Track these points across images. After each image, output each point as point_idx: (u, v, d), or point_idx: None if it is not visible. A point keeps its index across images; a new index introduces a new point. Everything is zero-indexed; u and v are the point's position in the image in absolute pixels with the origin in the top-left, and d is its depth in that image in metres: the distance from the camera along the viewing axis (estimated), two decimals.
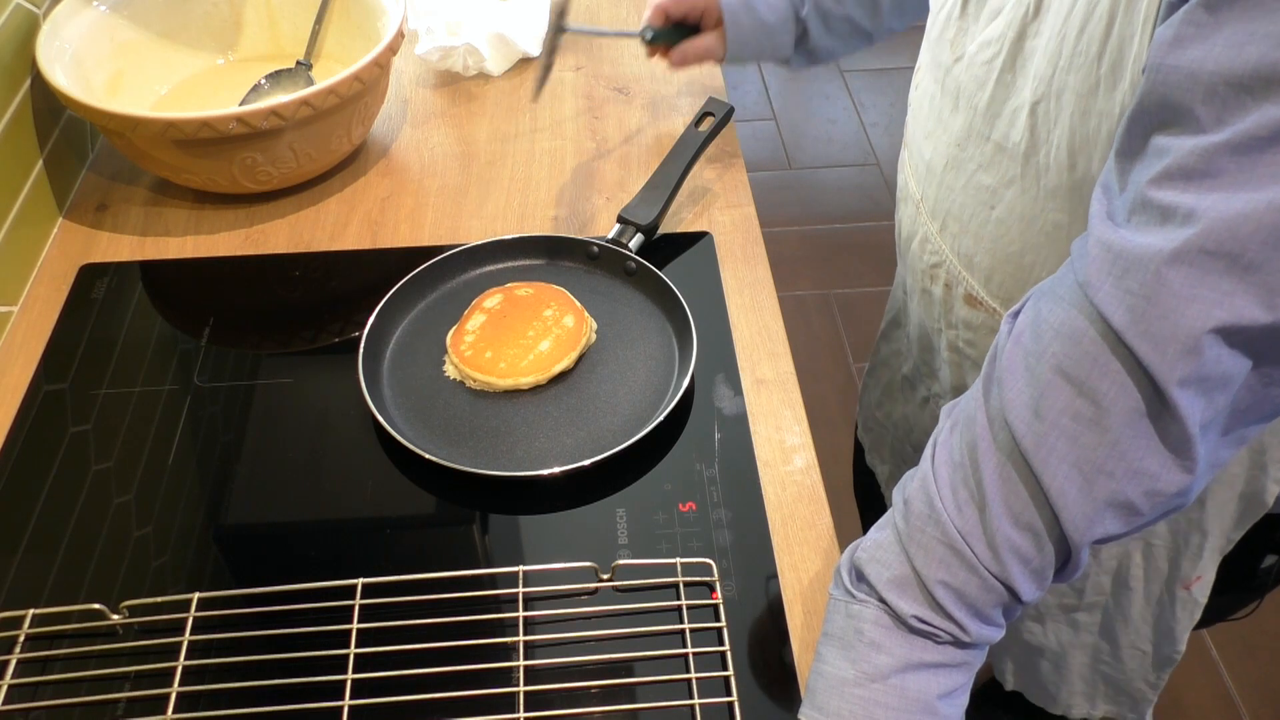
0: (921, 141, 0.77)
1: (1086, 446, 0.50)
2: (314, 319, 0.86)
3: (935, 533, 0.53)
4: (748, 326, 0.84)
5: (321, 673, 0.61)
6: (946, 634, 0.53)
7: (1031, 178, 0.65)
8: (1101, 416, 0.49)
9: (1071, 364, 0.50)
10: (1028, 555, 0.52)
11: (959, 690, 0.55)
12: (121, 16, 0.98)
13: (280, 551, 0.70)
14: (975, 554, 0.52)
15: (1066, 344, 0.50)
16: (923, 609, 0.53)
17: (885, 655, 0.54)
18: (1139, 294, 0.47)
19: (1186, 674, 1.55)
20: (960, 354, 0.79)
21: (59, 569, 0.68)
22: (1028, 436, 0.51)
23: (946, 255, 0.76)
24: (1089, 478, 0.50)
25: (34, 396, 0.79)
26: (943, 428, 0.56)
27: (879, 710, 0.53)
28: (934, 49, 0.74)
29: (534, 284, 0.84)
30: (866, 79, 2.69)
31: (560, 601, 0.66)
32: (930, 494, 0.54)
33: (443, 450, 0.73)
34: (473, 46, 1.07)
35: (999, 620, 0.55)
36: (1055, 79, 0.60)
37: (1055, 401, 0.50)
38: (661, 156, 0.93)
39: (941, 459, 0.55)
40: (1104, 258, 0.49)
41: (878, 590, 0.55)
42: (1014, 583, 0.52)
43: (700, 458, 0.74)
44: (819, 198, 2.39)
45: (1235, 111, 0.44)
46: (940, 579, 0.53)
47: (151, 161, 0.91)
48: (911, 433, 0.95)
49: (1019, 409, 0.51)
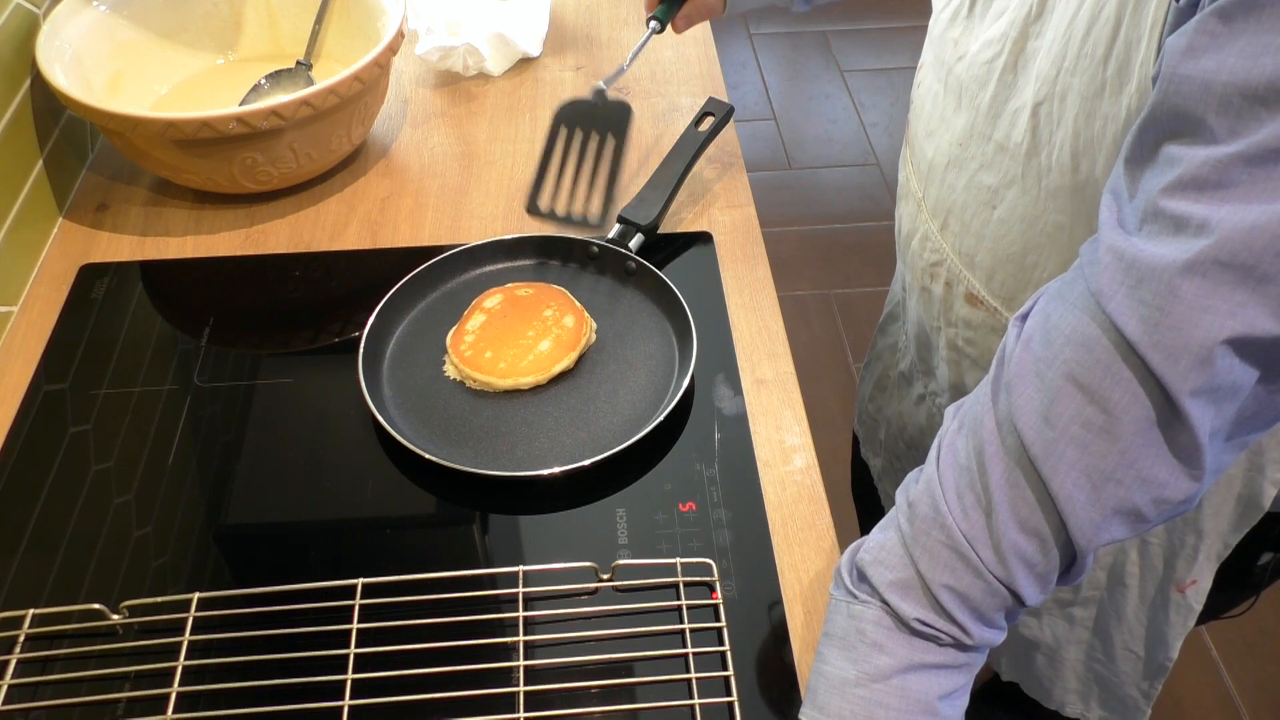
0: (923, 140, 0.77)
1: (1096, 454, 0.50)
2: (314, 319, 0.86)
3: (940, 536, 0.53)
4: (748, 326, 0.84)
5: (321, 673, 0.61)
6: (949, 637, 0.53)
7: (1033, 178, 0.65)
8: (1112, 425, 0.49)
9: (1083, 371, 0.50)
10: (1033, 560, 0.52)
11: (960, 691, 0.55)
12: (121, 16, 0.98)
13: (280, 551, 0.70)
14: (980, 558, 0.52)
15: (1078, 351, 0.50)
16: (925, 612, 0.53)
17: (887, 656, 0.54)
18: (1152, 305, 0.47)
19: (1186, 674, 1.55)
20: (959, 352, 0.79)
21: (59, 569, 0.68)
22: (1037, 443, 0.51)
23: (947, 254, 0.76)
24: (1098, 485, 0.50)
25: (34, 396, 0.79)
26: (948, 429, 0.56)
27: (880, 711, 0.53)
28: (937, 47, 0.74)
29: (534, 284, 0.84)
30: (866, 79, 2.69)
31: (560, 601, 0.66)
32: (935, 497, 0.54)
33: (443, 450, 0.73)
34: (473, 46, 1.07)
35: (1001, 623, 0.55)
36: (1059, 80, 0.60)
37: (1065, 409, 0.50)
38: (661, 156, 0.93)
39: (947, 462, 0.55)
40: (1116, 266, 0.49)
41: (880, 592, 0.55)
42: (1018, 587, 0.52)
43: (700, 458, 0.74)
44: (819, 198, 2.39)
45: (1249, 123, 0.44)
46: (944, 582, 0.53)
47: (151, 161, 0.91)
48: (905, 429, 0.95)
49: (1028, 415, 0.51)
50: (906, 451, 0.96)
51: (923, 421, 0.91)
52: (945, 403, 0.85)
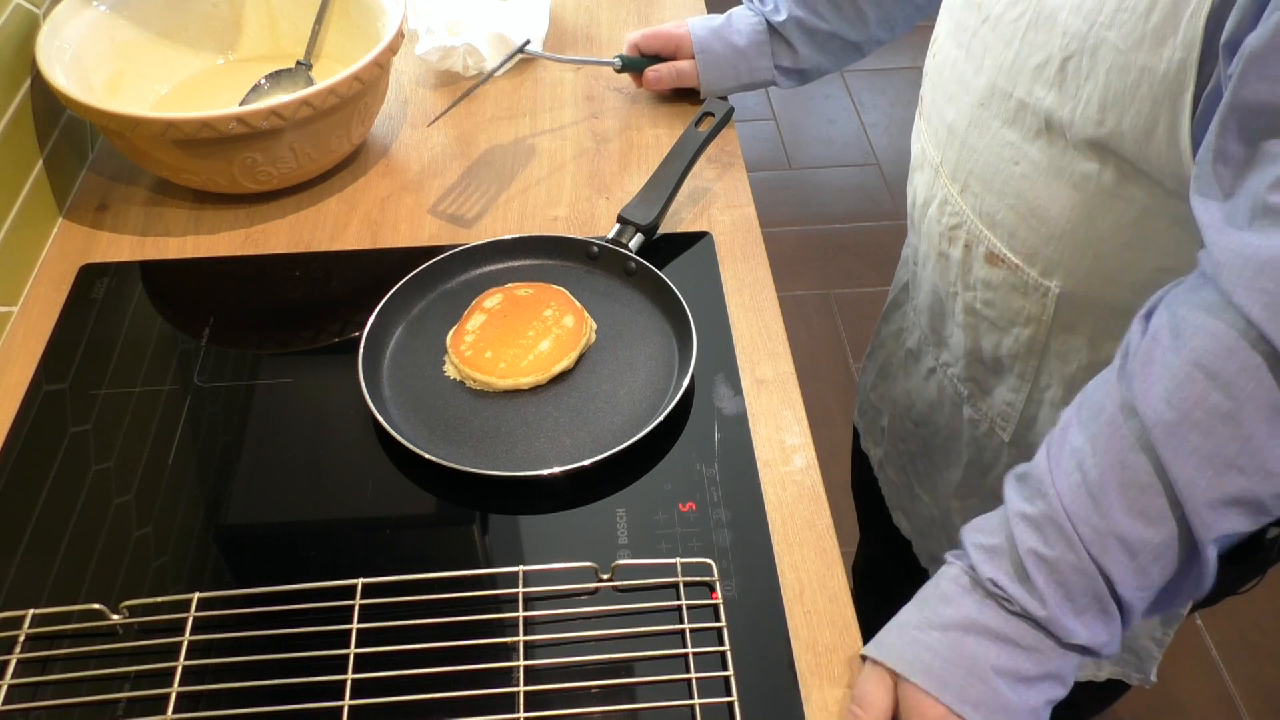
0: (943, 105, 0.78)
1: (1220, 440, 0.50)
2: (314, 319, 0.86)
3: (1042, 507, 0.54)
4: (748, 326, 0.84)
5: (321, 673, 0.61)
6: (1019, 605, 0.53)
7: (1058, 131, 0.66)
8: (1237, 411, 0.49)
9: (1210, 358, 0.50)
10: (1134, 545, 0.52)
11: (1024, 680, 0.54)
12: (121, 16, 0.98)
13: (280, 551, 0.70)
14: (1078, 533, 0.52)
15: (1207, 339, 0.51)
16: (1002, 575, 0.53)
17: (953, 609, 0.54)
18: (1274, 292, 0.48)
19: (1186, 674, 1.55)
20: (977, 315, 0.80)
21: (59, 569, 0.68)
22: (1158, 426, 0.51)
23: (967, 215, 0.76)
24: (1219, 471, 0.50)
25: (34, 396, 0.79)
26: (1060, 426, 0.56)
27: (928, 655, 0.54)
28: (958, 15, 0.75)
29: (534, 284, 0.84)
30: (866, 79, 2.69)
31: (560, 601, 0.66)
32: (1042, 473, 0.55)
33: (443, 450, 0.73)
34: (473, 46, 1.07)
35: (1090, 612, 0.53)
36: (1091, 34, 0.60)
37: (1190, 394, 0.50)
38: (661, 156, 0.93)
39: (1058, 449, 0.55)
40: (1234, 263, 0.49)
41: (968, 553, 0.55)
42: (1110, 570, 0.52)
43: (700, 458, 0.74)
44: (819, 198, 2.39)
45: None
46: (1031, 547, 0.53)
47: (151, 161, 0.91)
48: (913, 407, 0.95)
49: (1152, 399, 0.51)
50: (914, 431, 0.96)
51: (932, 396, 0.91)
52: (957, 373, 0.85)
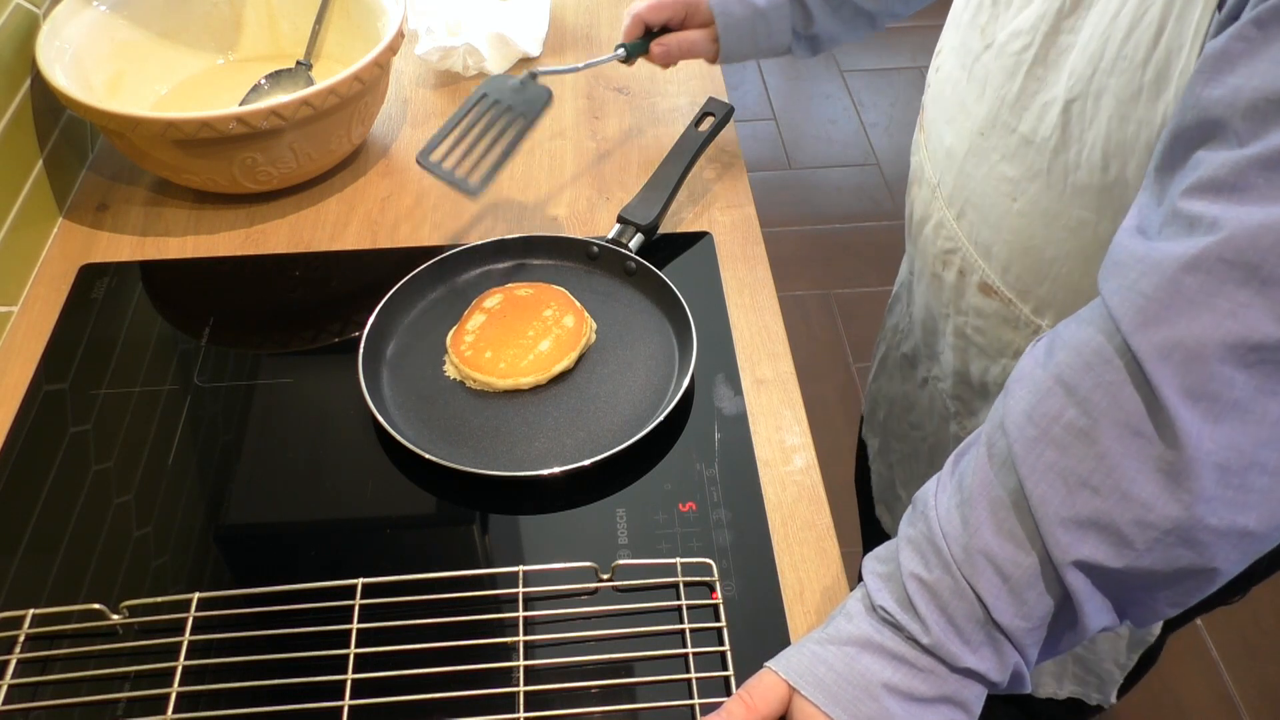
0: (942, 126, 0.77)
1: (1075, 457, 0.49)
2: (314, 319, 0.86)
3: (923, 528, 0.54)
4: (748, 326, 0.84)
5: (321, 673, 0.61)
6: (906, 630, 0.53)
7: (1059, 174, 0.65)
8: (1092, 428, 0.48)
9: (1070, 372, 0.50)
10: (1004, 566, 0.51)
11: (917, 701, 0.53)
12: (121, 16, 0.98)
13: (280, 551, 0.70)
14: (951, 553, 0.52)
15: (1071, 354, 0.50)
16: (892, 602, 0.54)
17: (852, 626, 0.55)
18: (1151, 297, 0.46)
19: (1186, 674, 1.55)
20: (967, 340, 0.79)
21: (59, 569, 0.68)
22: (1019, 442, 0.50)
23: (962, 242, 0.76)
24: (1072, 490, 0.49)
25: (34, 396, 0.79)
26: (960, 447, 0.57)
27: (822, 668, 0.53)
28: (963, 33, 0.73)
29: (534, 284, 0.84)
30: (866, 79, 2.69)
31: (560, 601, 0.66)
32: (927, 499, 0.55)
33: (443, 450, 0.73)
34: (473, 46, 1.07)
35: (978, 639, 0.52)
36: (1095, 79, 0.60)
37: (1050, 409, 0.50)
38: (661, 156, 0.93)
39: (946, 469, 0.56)
40: (1124, 263, 0.49)
41: (867, 580, 0.56)
42: (983, 592, 0.51)
43: (700, 458, 0.74)
44: (819, 198, 2.39)
45: (1272, 127, 0.44)
46: (913, 571, 0.53)
47: (151, 161, 0.91)
48: (911, 411, 0.95)
49: (1015, 415, 0.51)
50: (910, 432, 0.96)
51: (925, 404, 0.91)
52: (948, 388, 0.85)
